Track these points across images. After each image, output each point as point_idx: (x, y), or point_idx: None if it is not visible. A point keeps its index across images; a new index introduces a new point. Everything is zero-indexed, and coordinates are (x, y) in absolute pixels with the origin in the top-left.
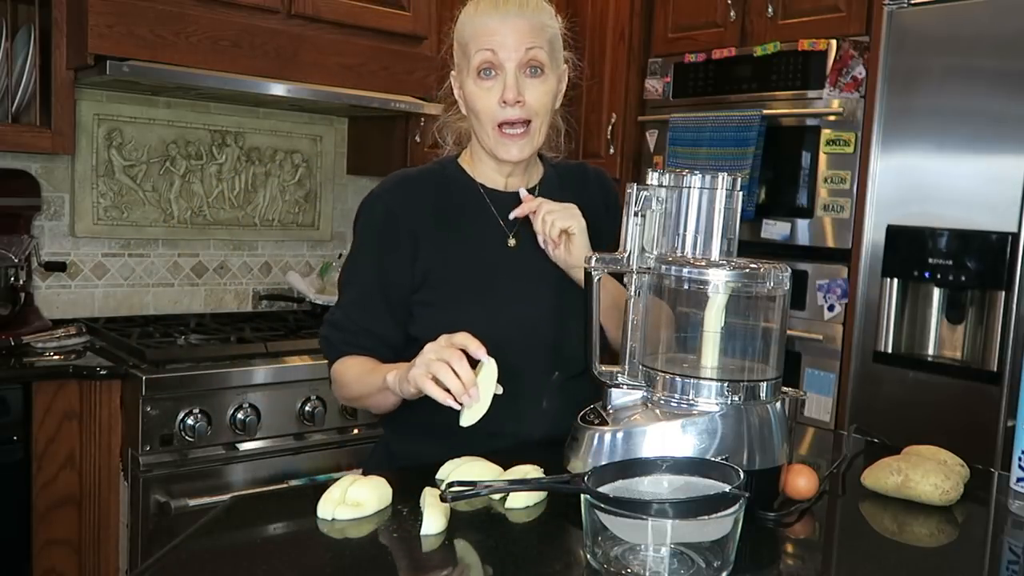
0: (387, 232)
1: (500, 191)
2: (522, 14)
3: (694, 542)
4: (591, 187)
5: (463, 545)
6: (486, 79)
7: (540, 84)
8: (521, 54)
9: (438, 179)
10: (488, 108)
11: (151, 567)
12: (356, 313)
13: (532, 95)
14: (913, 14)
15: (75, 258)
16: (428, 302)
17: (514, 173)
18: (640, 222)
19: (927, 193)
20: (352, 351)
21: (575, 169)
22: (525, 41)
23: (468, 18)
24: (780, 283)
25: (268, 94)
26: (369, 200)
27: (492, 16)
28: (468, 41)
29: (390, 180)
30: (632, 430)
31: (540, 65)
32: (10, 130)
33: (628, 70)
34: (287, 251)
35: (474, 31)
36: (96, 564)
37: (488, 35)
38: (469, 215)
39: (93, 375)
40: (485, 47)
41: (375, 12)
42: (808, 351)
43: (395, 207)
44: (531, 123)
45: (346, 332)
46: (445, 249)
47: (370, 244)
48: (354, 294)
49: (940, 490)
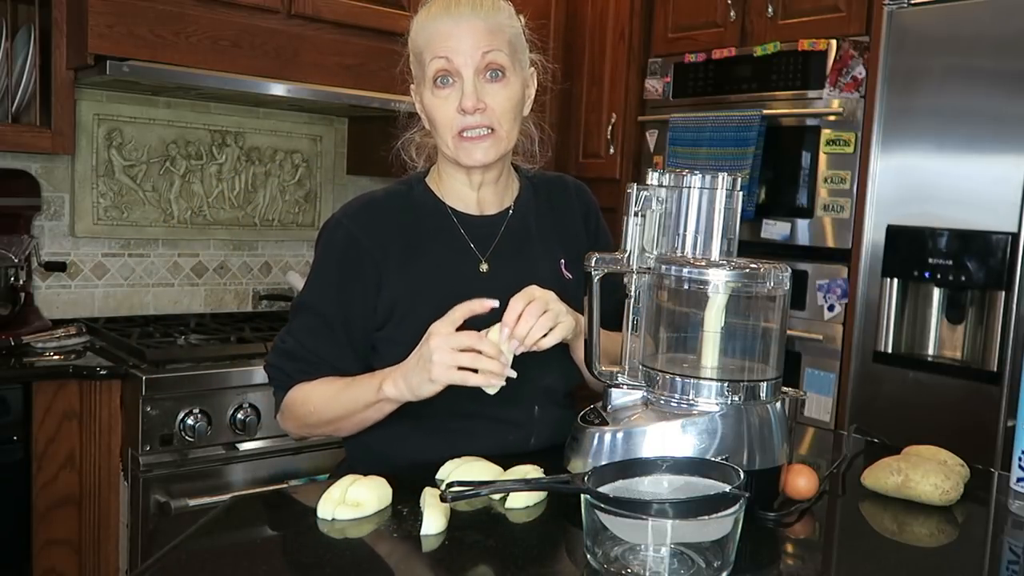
0: (349, 260)
1: (471, 215)
2: (476, 15)
3: (694, 542)
4: (571, 202)
5: (463, 545)
6: (443, 87)
7: (502, 88)
8: (478, 59)
9: (404, 202)
10: (447, 118)
11: (151, 567)
12: (313, 343)
13: (494, 100)
14: (913, 14)
15: (75, 258)
16: (394, 339)
17: (485, 185)
18: (640, 222)
19: (927, 193)
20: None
21: (554, 182)
22: (482, 44)
23: (420, 25)
24: (780, 283)
25: (268, 94)
26: (331, 225)
27: (444, 20)
28: (422, 50)
29: (353, 205)
30: (632, 430)
31: (500, 68)
32: (10, 130)
33: (628, 70)
34: (287, 251)
35: (427, 38)
36: (96, 564)
37: (442, 41)
38: (438, 241)
39: (93, 375)
40: (439, 54)
41: (375, 12)
42: (808, 351)
43: (358, 233)
44: (495, 131)
45: (302, 362)
46: (413, 278)
47: (331, 272)
48: (311, 323)
49: (940, 490)
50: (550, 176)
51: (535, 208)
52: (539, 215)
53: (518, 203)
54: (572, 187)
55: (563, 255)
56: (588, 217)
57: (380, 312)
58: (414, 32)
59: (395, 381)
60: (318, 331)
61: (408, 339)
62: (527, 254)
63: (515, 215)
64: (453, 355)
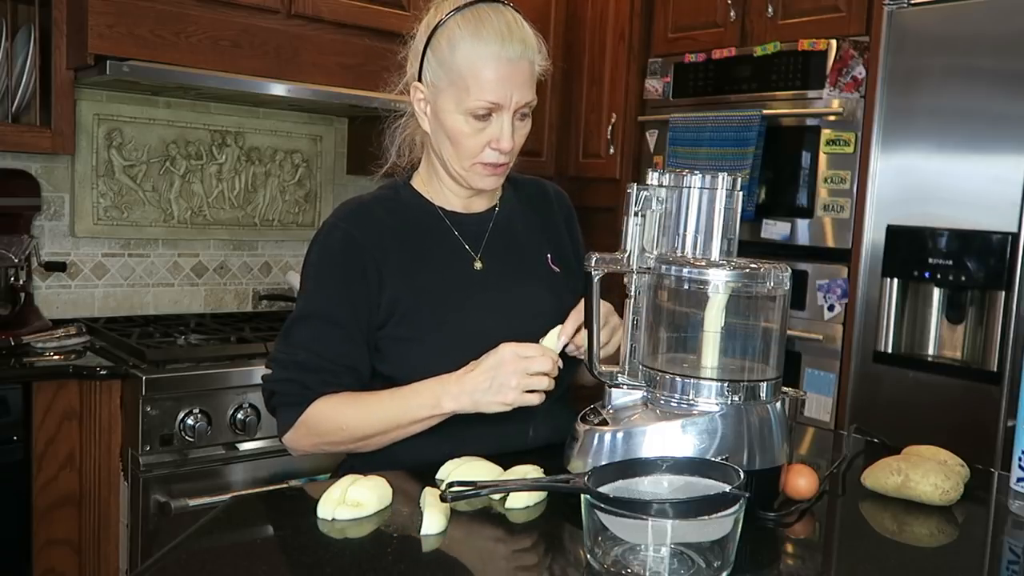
0: (350, 260)
1: (460, 212)
2: (525, 55)
3: (694, 542)
4: (552, 206)
5: (463, 545)
6: (480, 121)
7: (524, 127)
8: (521, 105)
9: (394, 205)
10: (474, 148)
11: (151, 567)
12: (330, 350)
13: (518, 139)
14: (913, 14)
15: (75, 258)
16: (398, 336)
17: (477, 194)
18: (640, 222)
19: (927, 193)
20: (332, 391)
21: (534, 186)
22: (527, 95)
23: (468, 46)
24: (780, 283)
25: (268, 94)
26: (325, 230)
27: (498, 58)
28: (464, 74)
29: (344, 209)
30: (632, 430)
31: (530, 110)
32: (10, 130)
33: (628, 70)
34: (287, 251)
35: (476, 68)
36: (96, 564)
37: (497, 83)
38: (432, 240)
39: (93, 375)
40: (491, 99)
41: (375, 12)
42: (808, 351)
43: (356, 233)
44: (508, 164)
45: (324, 373)
46: (411, 277)
47: (333, 274)
48: (323, 330)
49: (940, 490)
50: (528, 179)
51: (519, 207)
52: (524, 213)
53: (503, 202)
54: (552, 191)
55: (549, 250)
56: (569, 222)
57: (383, 310)
58: (453, 46)
59: (457, 398)
60: (332, 337)
61: (409, 337)
62: (517, 249)
63: (501, 212)
64: (528, 380)
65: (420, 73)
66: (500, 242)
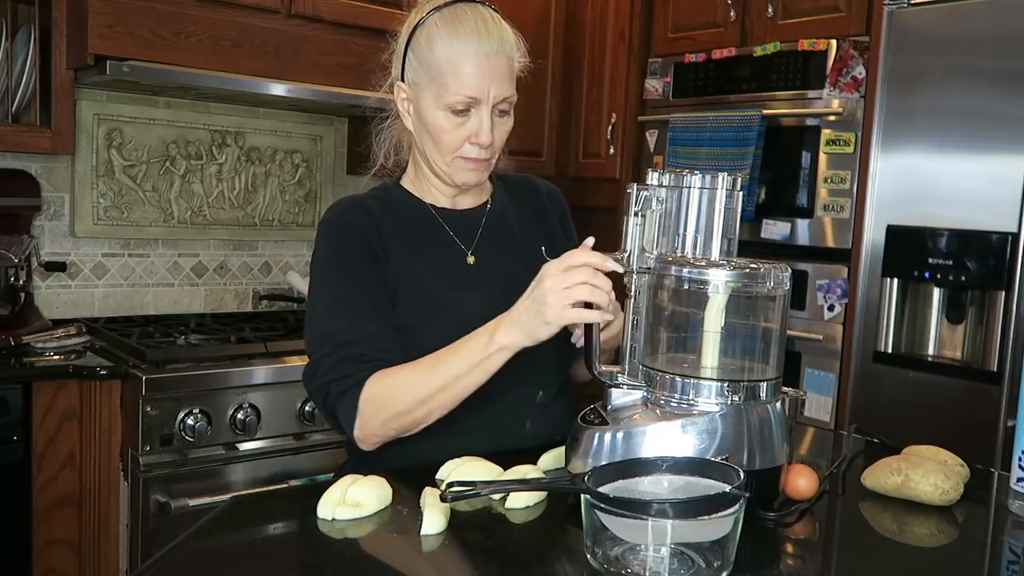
0: (360, 246)
1: (451, 209)
2: (503, 50)
3: (694, 542)
4: (544, 201)
5: (463, 545)
6: (460, 115)
7: (505, 123)
8: (499, 100)
9: (386, 204)
10: (454, 143)
11: (151, 567)
12: (371, 325)
13: (498, 133)
14: (913, 14)
15: (75, 258)
16: (397, 324)
17: (464, 191)
18: (640, 222)
19: (927, 193)
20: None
21: (524, 182)
22: (506, 89)
23: (445, 43)
24: (780, 283)
25: (268, 94)
26: (329, 220)
27: (475, 54)
28: (443, 71)
29: (340, 205)
30: (632, 430)
31: (510, 106)
32: (10, 130)
33: (628, 70)
34: (287, 251)
35: (454, 64)
36: (96, 564)
37: (474, 78)
38: (425, 235)
39: (93, 375)
40: (468, 93)
41: (375, 12)
42: (808, 351)
43: (357, 224)
44: (489, 159)
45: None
46: (409, 269)
47: (349, 262)
48: (355, 311)
49: (940, 490)
50: (519, 176)
51: (511, 203)
52: (516, 208)
53: (494, 199)
54: (543, 187)
55: (543, 243)
56: (562, 216)
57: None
58: (432, 44)
59: (507, 329)
60: (367, 315)
61: (410, 325)
62: (510, 243)
63: (493, 208)
64: (567, 293)
65: (403, 73)
66: (493, 237)
